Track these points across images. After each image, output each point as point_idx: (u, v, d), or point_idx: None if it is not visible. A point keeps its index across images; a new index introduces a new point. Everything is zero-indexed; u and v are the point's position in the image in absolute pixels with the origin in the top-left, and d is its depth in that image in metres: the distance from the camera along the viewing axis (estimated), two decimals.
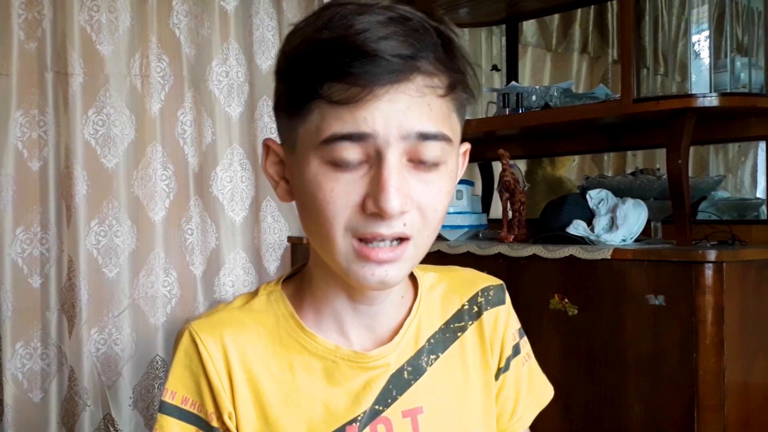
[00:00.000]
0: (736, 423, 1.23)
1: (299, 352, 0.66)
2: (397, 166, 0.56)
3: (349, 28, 0.55)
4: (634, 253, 1.28)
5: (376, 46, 0.54)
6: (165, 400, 0.65)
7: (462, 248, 1.54)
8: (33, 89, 1.75)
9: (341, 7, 0.57)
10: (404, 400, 0.67)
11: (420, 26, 0.56)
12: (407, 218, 0.58)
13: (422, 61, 0.56)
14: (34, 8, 1.74)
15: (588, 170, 2.02)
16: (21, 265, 1.74)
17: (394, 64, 0.55)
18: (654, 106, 1.35)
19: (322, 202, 0.58)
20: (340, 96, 0.55)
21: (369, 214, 0.57)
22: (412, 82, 0.56)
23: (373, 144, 0.56)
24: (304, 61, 0.57)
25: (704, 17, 1.39)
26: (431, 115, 0.57)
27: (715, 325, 1.20)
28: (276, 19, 2.03)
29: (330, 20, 0.56)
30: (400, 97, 0.56)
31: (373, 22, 0.55)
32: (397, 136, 0.56)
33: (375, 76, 0.54)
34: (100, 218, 1.78)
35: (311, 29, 0.58)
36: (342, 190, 0.57)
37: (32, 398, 1.75)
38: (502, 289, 0.76)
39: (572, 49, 2.29)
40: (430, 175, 0.59)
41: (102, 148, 1.79)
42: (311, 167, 0.58)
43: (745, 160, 1.74)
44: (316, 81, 0.56)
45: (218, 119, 1.94)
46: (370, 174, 0.57)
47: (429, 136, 0.57)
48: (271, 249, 2.03)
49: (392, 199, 0.55)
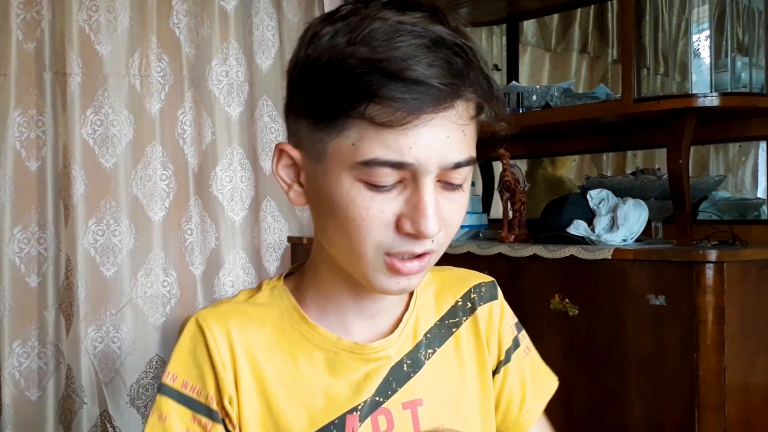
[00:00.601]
0: (736, 423, 1.23)
1: (302, 343, 0.68)
2: (433, 189, 0.59)
3: (394, 51, 0.55)
4: (635, 253, 1.28)
5: (426, 72, 0.55)
6: (165, 382, 0.66)
7: (462, 248, 1.54)
8: (31, 89, 1.74)
9: (379, 22, 0.57)
10: (404, 392, 0.69)
11: (460, 50, 0.57)
12: (437, 237, 0.61)
13: (464, 87, 0.58)
14: (32, 8, 1.74)
15: (587, 170, 2.02)
16: (18, 265, 1.74)
17: (442, 92, 0.56)
18: (654, 105, 1.35)
19: (357, 219, 0.59)
20: (384, 119, 0.56)
21: (404, 234, 0.59)
22: (455, 109, 0.58)
23: (411, 170, 0.58)
24: (340, 75, 0.57)
25: (705, 17, 1.39)
26: (465, 141, 0.60)
27: (716, 325, 1.20)
28: (276, 18, 2.03)
29: (370, 36, 0.56)
30: (443, 124, 0.57)
31: (419, 46, 0.55)
32: (437, 166, 0.58)
33: (423, 102, 0.56)
34: (98, 217, 1.78)
35: (344, 41, 0.57)
36: (377, 209, 0.59)
37: (29, 397, 1.75)
38: (494, 286, 0.79)
39: (571, 49, 2.28)
40: (456, 194, 0.62)
41: (100, 148, 1.79)
42: (344, 183, 0.59)
43: (746, 160, 1.73)
44: (355, 98, 0.56)
45: (218, 119, 1.93)
46: (405, 194, 0.59)
47: (462, 164, 0.60)
48: (270, 249, 2.02)
49: (432, 225, 0.58)
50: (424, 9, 0.59)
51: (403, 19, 0.57)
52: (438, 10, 0.61)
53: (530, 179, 1.97)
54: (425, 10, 0.59)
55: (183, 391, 0.66)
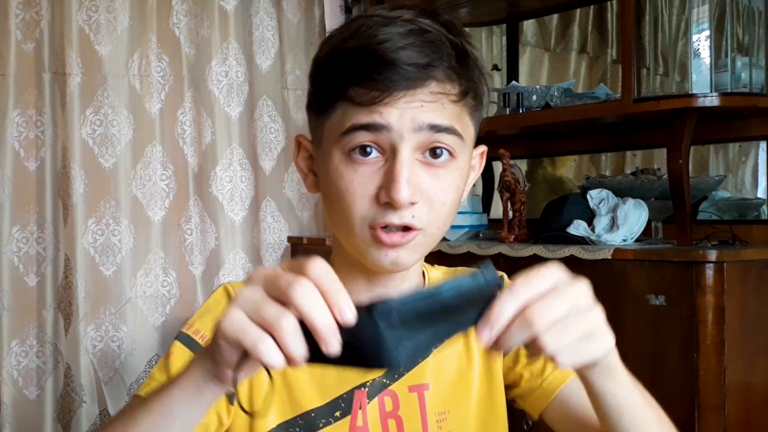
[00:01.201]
0: (736, 423, 1.23)
1: None
2: (409, 159, 0.62)
3: (373, 38, 0.61)
4: (635, 253, 1.28)
5: (395, 55, 0.60)
6: (181, 330, 0.71)
7: (462, 248, 1.54)
8: (30, 89, 1.74)
9: (368, 19, 0.63)
10: (411, 377, 0.72)
11: (436, 38, 0.62)
12: (416, 210, 0.63)
13: (436, 69, 0.62)
14: (32, 9, 1.74)
15: (586, 170, 2.02)
16: (17, 264, 1.74)
17: (410, 72, 0.61)
18: (655, 105, 1.35)
19: (343, 192, 0.64)
20: (361, 98, 0.62)
21: (382, 204, 0.62)
22: (426, 88, 0.62)
23: (387, 137, 0.62)
24: (331, 67, 0.64)
25: (705, 17, 1.39)
26: (444, 112, 0.63)
27: (716, 325, 1.20)
28: (276, 18, 2.03)
29: (357, 30, 0.63)
30: (415, 100, 0.62)
31: (394, 33, 0.61)
32: (410, 129, 0.62)
33: (393, 81, 0.61)
34: (98, 217, 1.78)
35: (339, 38, 0.65)
36: (360, 182, 0.63)
37: (28, 395, 1.75)
38: (501, 278, 0.77)
39: (571, 49, 2.28)
40: (441, 170, 0.64)
41: (99, 148, 1.79)
42: (333, 160, 0.64)
43: (746, 160, 1.73)
44: (341, 84, 0.63)
45: (218, 119, 1.94)
46: (385, 167, 0.63)
47: (441, 129, 0.63)
48: (270, 249, 2.02)
49: (402, 190, 0.60)
50: (417, 8, 0.65)
51: (392, 14, 0.63)
52: (432, 10, 0.65)
53: (530, 179, 1.97)
54: (417, 9, 0.65)
55: (193, 337, 0.69)
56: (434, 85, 0.62)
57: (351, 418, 0.69)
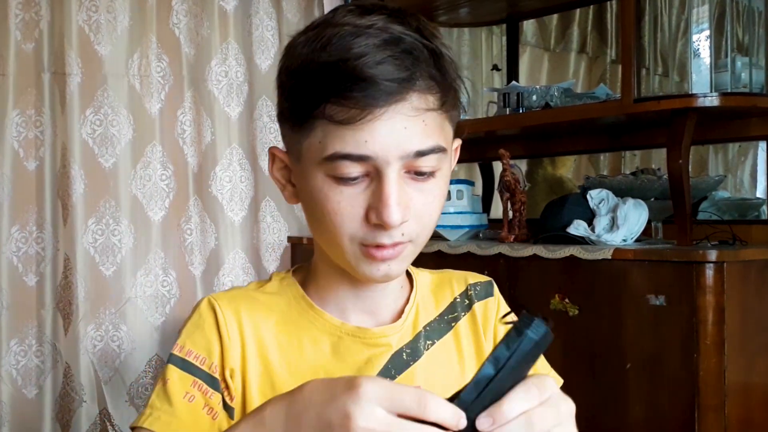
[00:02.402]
0: (737, 423, 1.23)
1: (308, 329, 0.71)
2: (397, 179, 0.61)
3: (348, 51, 0.59)
4: (635, 253, 1.28)
5: (373, 71, 0.59)
6: (173, 352, 0.69)
7: (462, 248, 1.54)
8: (30, 89, 1.74)
9: (339, 28, 0.61)
10: (402, 380, 0.72)
11: (413, 47, 0.61)
12: (405, 227, 0.63)
13: (416, 81, 0.61)
14: (31, 9, 1.73)
15: (585, 170, 2.02)
16: (16, 264, 1.74)
17: (391, 87, 0.59)
18: (655, 105, 1.35)
19: (330, 213, 0.63)
20: (341, 117, 0.60)
21: (372, 225, 0.62)
22: (407, 101, 0.60)
23: (373, 164, 0.61)
24: (306, 81, 0.62)
25: (704, 17, 1.39)
26: (426, 130, 0.62)
27: (716, 325, 1.20)
28: (275, 18, 2.02)
29: (329, 42, 0.61)
30: (397, 117, 0.60)
31: (370, 46, 0.59)
32: (396, 156, 0.61)
33: (373, 99, 0.59)
34: (97, 217, 1.78)
35: (310, 49, 0.62)
36: (347, 204, 0.62)
37: (26, 394, 1.75)
38: (491, 284, 0.81)
39: (570, 49, 2.29)
40: (427, 184, 0.64)
41: (99, 148, 1.79)
42: (317, 180, 0.63)
43: (745, 160, 1.74)
44: (317, 101, 0.61)
45: (217, 119, 1.93)
46: (372, 188, 0.62)
47: (425, 152, 0.62)
48: (270, 249, 2.02)
49: (393, 213, 0.61)
50: (385, 11, 0.63)
51: (362, 22, 0.61)
52: (400, 11, 0.64)
53: (530, 179, 1.97)
54: (386, 12, 0.63)
55: (187, 358, 0.68)
56: (415, 98, 0.61)
57: None
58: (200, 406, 0.66)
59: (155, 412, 0.66)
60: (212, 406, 0.66)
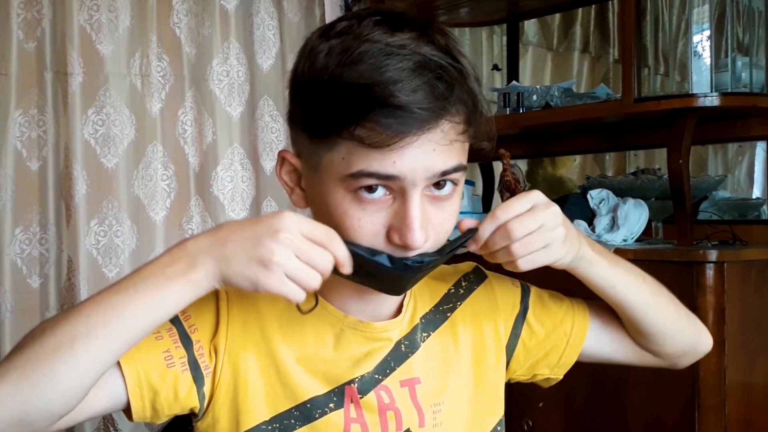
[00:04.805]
0: (737, 423, 1.23)
1: (312, 320, 0.72)
2: (420, 201, 0.62)
3: (381, 75, 0.58)
4: (635, 253, 1.28)
5: (408, 99, 0.58)
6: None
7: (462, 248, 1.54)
8: (32, 89, 1.73)
9: (368, 44, 0.60)
10: (402, 371, 0.73)
11: (445, 71, 0.60)
12: (426, 245, 0.64)
13: (449, 108, 0.61)
14: (33, 8, 1.73)
15: (590, 170, 2.02)
16: (20, 266, 1.72)
17: (424, 116, 0.59)
18: (655, 105, 1.35)
19: (349, 229, 0.63)
20: (371, 141, 0.59)
21: (393, 244, 0.63)
22: (440, 128, 0.61)
23: (399, 184, 0.61)
24: (331, 97, 0.60)
25: (705, 17, 1.39)
26: (452, 152, 0.63)
27: (716, 325, 1.20)
28: (276, 18, 2.02)
29: (359, 59, 0.59)
30: (427, 143, 0.61)
31: (404, 71, 0.59)
32: (423, 178, 0.62)
33: (406, 126, 0.59)
34: (100, 218, 1.78)
35: (336, 62, 0.60)
36: (368, 221, 0.63)
37: None
38: (479, 269, 0.84)
39: (573, 49, 2.29)
40: (446, 202, 0.65)
41: (102, 148, 1.78)
42: (336, 195, 0.63)
43: (742, 160, 1.74)
44: (345, 120, 0.60)
45: (219, 119, 1.93)
46: (394, 207, 0.63)
47: (449, 172, 0.63)
48: None
49: (418, 236, 0.61)
50: (415, 27, 0.62)
51: (392, 41, 0.60)
52: (428, 27, 0.63)
53: (530, 179, 1.97)
54: (415, 29, 0.62)
55: (180, 317, 0.70)
56: (447, 125, 0.61)
57: (344, 410, 0.71)
58: (162, 348, 0.67)
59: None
60: (173, 355, 0.67)
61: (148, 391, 0.66)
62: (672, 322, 0.79)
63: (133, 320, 0.59)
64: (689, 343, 0.82)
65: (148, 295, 0.59)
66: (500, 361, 0.79)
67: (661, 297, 0.79)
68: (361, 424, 0.71)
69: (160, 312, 0.60)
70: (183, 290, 0.60)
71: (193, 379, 0.68)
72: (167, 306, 0.60)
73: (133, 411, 0.66)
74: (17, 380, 0.57)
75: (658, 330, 0.78)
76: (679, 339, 0.81)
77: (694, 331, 0.83)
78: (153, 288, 0.60)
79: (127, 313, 0.59)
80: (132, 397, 0.66)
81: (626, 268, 0.77)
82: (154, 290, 0.59)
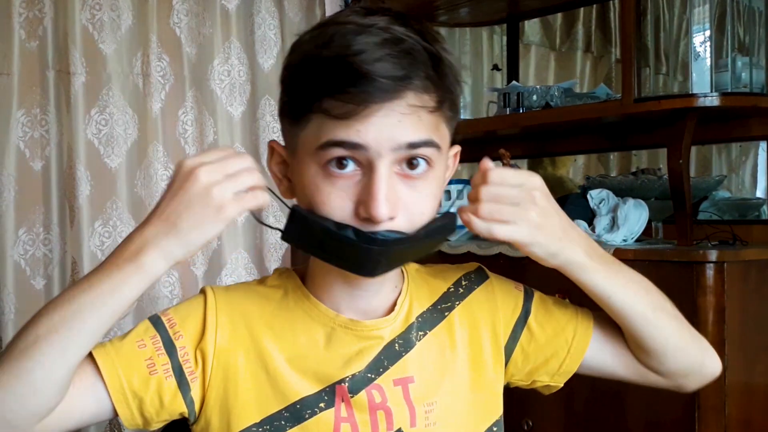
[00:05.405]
0: (737, 424, 1.23)
1: (303, 319, 0.73)
2: (387, 174, 0.63)
3: (347, 48, 0.61)
4: (635, 253, 1.28)
5: (371, 67, 0.60)
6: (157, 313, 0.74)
7: (462, 248, 1.54)
8: (34, 88, 1.73)
9: (341, 26, 0.63)
10: (395, 370, 0.73)
11: (412, 47, 0.62)
12: (395, 223, 0.64)
13: (413, 80, 0.62)
14: (34, 7, 1.72)
15: (594, 170, 2.02)
16: (24, 267, 1.72)
17: (387, 85, 0.60)
18: (655, 105, 1.35)
19: (320, 204, 0.64)
20: (337, 111, 0.61)
21: (362, 219, 0.63)
22: (403, 100, 0.62)
23: (365, 154, 0.62)
24: (305, 76, 0.64)
25: (705, 17, 1.39)
26: (420, 125, 0.63)
27: (716, 326, 1.20)
28: (277, 17, 2.03)
29: (330, 39, 0.62)
30: (392, 114, 0.61)
31: (370, 44, 0.60)
32: (388, 148, 0.62)
33: (369, 95, 0.60)
34: (104, 219, 1.78)
35: (312, 45, 0.64)
36: (337, 195, 0.64)
37: None
38: (482, 270, 0.83)
39: (576, 48, 2.29)
40: (419, 181, 0.65)
41: (105, 148, 1.78)
42: (310, 171, 0.65)
43: (746, 160, 1.74)
44: (315, 95, 0.62)
45: (220, 118, 1.94)
46: (363, 182, 0.63)
47: (418, 144, 0.63)
48: (272, 249, 2.03)
49: (381, 207, 0.62)
50: (389, 13, 0.64)
51: (364, 21, 0.63)
52: (404, 15, 0.65)
53: None
54: (390, 14, 0.64)
55: (162, 318, 0.71)
56: (411, 96, 0.62)
57: (335, 410, 0.71)
58: (145, 356, 0.68)
59: (107, 344, 0.69)
60: (156, 362, 0.68)
61: (133, 399, 0.67)
62: (674, 338, 0.76)
63: (90, 312, 0.61)
64: (692, 363, 0.79)
65: (102, 287, 0.61)
66: (498, 362, 0.79)
67: (664, 312, 0.76)
68: (352, 424, 0.71)
69: (117, 301, 0.61)
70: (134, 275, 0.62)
71: (178, 384, 0.69)
72: (123, 293, 0.61)
73: (122, 418, 0.67)
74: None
75: (658, 345, 0.76)
76: (681, 357, 0.78)
77: (699, 351, 0.79)
78: (106, 279, 0.61)
79: (84, 307, 0.61)
80: (117, 405, 0.67)
81: (627, 278, 0.75)
82: (107, 281, 0.61)
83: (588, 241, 0.74)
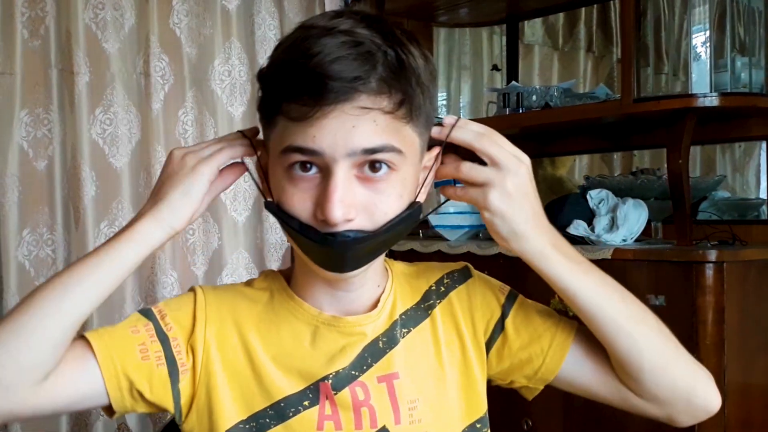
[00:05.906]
0: (736, 423, 1.23)
1: (288, 318, 0.74)
2: (344, 178, 0.63)
3: (307, 51, 0.61)
4: (635, 253, 1.28)
5: (325, 69, 0.60)
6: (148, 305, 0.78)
7: (462, 248, 1.55)
8: (38, 87, 1.71)
9: (307, 30, 0.64)
10: (379, 367, 0.74)
11: (370, 49, 0.62)
12: (355, 223, 0.64)
13: (366, 82, 0.61)
14: (36, 6, 1.71)
15: (598, 170, 2.01)
16: (28, 268, 1.70)
17: (338, 86, 0.60)
18: (654, 106, 1.35)
19: (286, 204, 0.66)
20: (294, 114, 0.63)
21: (320, 221, 0.64)
22: (355, 101, 0.61)
23: (322, 159, 0.63)
24: (270, 80, 0.66)
25: (705, 17, 1.39)
26: (377, 129, 0.63)
27: (716, 325, 1.21)
28: (277, 18, 2.03)
29: (293, 42, 0.64)
30: (345, 116, 0.62)
31: (328, 46, 0.61)
32: (344, 154, 0.63)
33: (321, 97, 0.61)
34: (110, 219, 1.76)
35: (280, 50, 0.67)
36: (300, 197, 0.65)
37: None
38: (467, 269, 0.83)
39: (578, 48, 2.28)
40: (381, 183, 0.65)
41: (110, 148, 1.77)
42: (277, 172, 0.67)
43: (749, 160, 1.73)
44: (279, 99, 0.64)
45: (220, 119, 1.94)
46: (322, 185, 0.64)
47: (375, 150, 0.63)
48: (273, 249, 2.02)
49: (334, 210, 0.62)
50: (357, 16, 0.65)
51: (328, 24, 0.63)
52: (374, 17, 0.65)
53: None
54: (356, 17, 0.64)
55: (153, 310, 0.73)
56: (364, 98, 0.61)
57: (319, 407, 0.72)
58: (138, 341, 0.70)
59: (100, 330, 0.70)
60: (149, 348, 0.70)
61: (124, 380, 0.68)
62: (653, 356, 0.70)
63: (88, 276, 0.66)
64: (678, 389, 0.71)
65: (100, 256, 0.67)
66: (480, 359, 0.78)
67: (643, 325, 0.70)
68: (335, 422, 0.72)
69: (115, 265, 0.67)
70: (131, 242, 0.68)
71: (169, 373, 0.70)
72: (121, 258, 0.67)
73: (112, 399, 0.68)
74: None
75: (633, 360, 0.70)
76: (663, 380, 0.70)
77: (688, 376, 0.71)
78: (104, 250, 0.68)
79: (83, 270, 0.66)
80: (108, 384, 0.68)
81: (599, 280, 0.71)
82: (105, 251, 0.67)
83: (558, 236, 0.72)
